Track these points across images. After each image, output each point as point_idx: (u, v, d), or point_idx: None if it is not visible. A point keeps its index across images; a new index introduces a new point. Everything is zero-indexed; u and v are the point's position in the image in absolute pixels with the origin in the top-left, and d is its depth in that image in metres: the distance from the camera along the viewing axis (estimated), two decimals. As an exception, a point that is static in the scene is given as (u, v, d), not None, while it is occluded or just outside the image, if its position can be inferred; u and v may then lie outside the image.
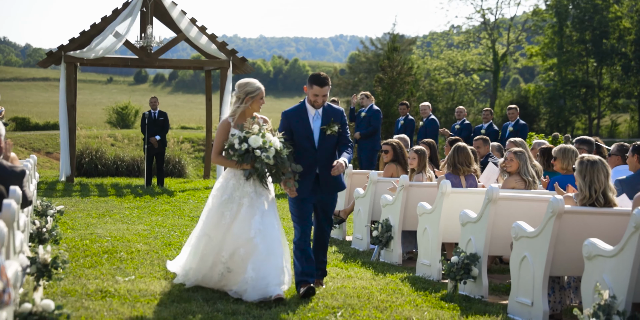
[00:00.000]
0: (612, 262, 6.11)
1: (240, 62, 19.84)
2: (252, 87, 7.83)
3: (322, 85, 7.82)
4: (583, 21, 56.31)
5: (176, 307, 7.07)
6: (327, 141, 7.90)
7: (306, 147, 7.87)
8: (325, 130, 7.85)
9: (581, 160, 7.04)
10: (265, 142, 7.49)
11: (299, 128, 7.87)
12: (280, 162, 7.53)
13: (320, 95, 7.81)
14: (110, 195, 16.64)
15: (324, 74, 7.92)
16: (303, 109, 7.97)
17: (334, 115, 7.97)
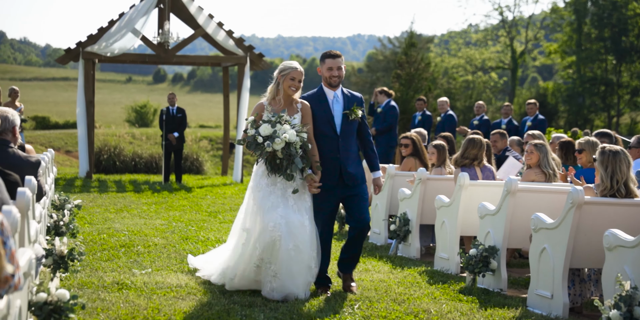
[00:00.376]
0: (633, 253, 6.02)
1: (257, 58, 19.80)
2: (284, 65, 7.38)
3: (334, 56, 7.47)
4: (602, 18, 55.90)
5: (192, 299, 7.04)
6: (349, 127, 7.47)
7: (327, 132, 7.42)
8: (349, 114, 7.43)
9: (602, 150, 6.95)
10: (275, 132, 7.00)
11: (319, 112, 7.43)
12: (288, 155, 7.05)
13: (335, 68, 7.42)
14: (128, 191, 16.66)
15: (334, 51, 7.60)
16: (321, 93, 7.54)
17: (355, 100, 7.58)
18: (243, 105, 19.43)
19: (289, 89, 7.30)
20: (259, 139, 7.00)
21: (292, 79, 7.29)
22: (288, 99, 7.37)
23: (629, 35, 54.94)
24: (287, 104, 7.38)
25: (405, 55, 25.73)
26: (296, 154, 7.04)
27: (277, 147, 6.96)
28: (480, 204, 8.39)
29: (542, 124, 17.18)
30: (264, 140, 7.01)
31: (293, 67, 7.33)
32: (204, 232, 11.08)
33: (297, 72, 7.32)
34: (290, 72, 7.29)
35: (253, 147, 7.06)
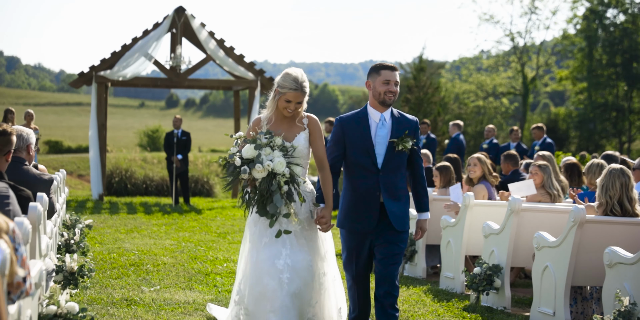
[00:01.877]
0: (632, 270, 6.12)
1: (268, 82, 20.02)
2: (283, 80, 5.95)
3: (392, 69, 6.04)
4: (613, 45, 56.10)
5: (200, 315, 7.15)
6: (395, 159, 5.99)
7: (364, 165, 5.97)
8: (397, 144, 5.94)
9: (609, 170, 7.07)
10: (259, 156, 5.66)
11: (356, 139, 5.99)
12: (265, 189, 5.68)
13: (393, 82, 5.98)
14: (138, 212, 16.82)
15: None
16: (364, 115, 6.05)
17: (407, 125, 6.07)
18: (254, 128, 19.62)
19: (284, 110, 5.97)
20: (237, 161, 5.67)
21: (287, 101, 5.92)
22: (284, 114, 6.06)
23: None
24: (288, 120, 6.07)
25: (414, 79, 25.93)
26: (277, 191, 5.66)
27: (256, 175, 5.66)
28: (485, 223, 8.50)
29: (550, 148, 17.30)
30: (242, 164, 5.68)
31: (291, 87, 5.90)
32: (212, 251, 11.20)
33: (294, 95, 5.90)
34: (286, 92, 5.90)
35: (230, 170, 5.73)
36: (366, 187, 5.96)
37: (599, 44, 56.82)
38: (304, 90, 5.93)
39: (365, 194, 5.97)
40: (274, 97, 6.01)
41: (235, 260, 10.43)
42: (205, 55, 20.06)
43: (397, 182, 6.02)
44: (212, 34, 19.56)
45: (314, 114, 6.18)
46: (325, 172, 6.02)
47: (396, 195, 6.00)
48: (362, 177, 5.98)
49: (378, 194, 5.95)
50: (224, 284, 8.67)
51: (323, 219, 5.94)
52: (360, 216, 5.98)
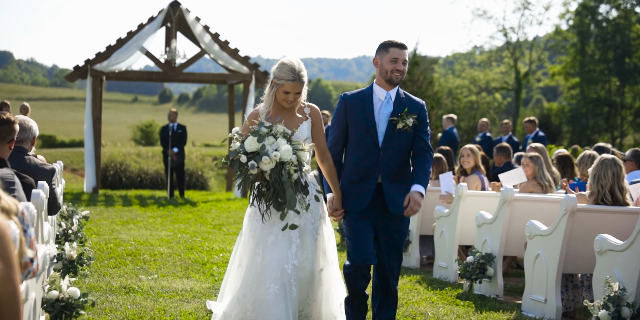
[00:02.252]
0: (622, 256, 6.25)
1: (262, 76, 20.11)
2: (280, 71, 5.68)
3: (401, 46, 5.76)
4: (605, 40, 56.32)
5: (197, 302, 7.27)
6: (395, 138, 5.75)
7: (365, 143, 5.76)
8: (396, 122, 5.72)
9: (598, 159, 7.20)
10: (264, 148, 5.39)
11: (359, 116, 5.77)
12: (276, 180, 5.41)
13: (401, 60, 5.72)
14: (134, 205, 16.91)
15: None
16: (368, 93, 5.83)
17: (410, 104, 5.82)
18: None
19: (284, 102, 5.74)
20: (242, 158, 5.41)
21: (285, 92, 5.68)
22: (282, 106, 5.83)
23: (632, 56, 55.28)
24: (288, 111, 5.82)
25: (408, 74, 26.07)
26: (288, 180, 5.40)
27: (264, 167, 5.37)
28: (478, 213, 8.63)
29: (542, 141, 17.43)
30: (248, 159, 5.41)
31: (288, 78, 5.64)
32: (208, 242, 11.31)
33: (293, 85, 5.65)
34: (284, 84, 5.65)
35: (236, 167, 5.47)
36: (365, 166, 5.75)
37: (592, 40, 57.00)
38: (302, 80, 5.66)
39: (363, 173, 5.75)
40: (270, 88, 5.74)
41: (230, 250, 10.53)
42: (200, 49, 20.14)
43: (399, 163, 5.78)
44: (207, 28, 19.65)
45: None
46: (328, 163, 5.80)
47: (397, 178, 5.77)
48: (362, 156, 5.76)
49: (377, 174, 5.73)
50: (220, 273, 8.78)
51: (337, 212, 5.79)
52: (355, 195, 5.77)
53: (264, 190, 5.48)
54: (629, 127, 57.53)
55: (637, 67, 55.37)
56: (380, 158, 5.74)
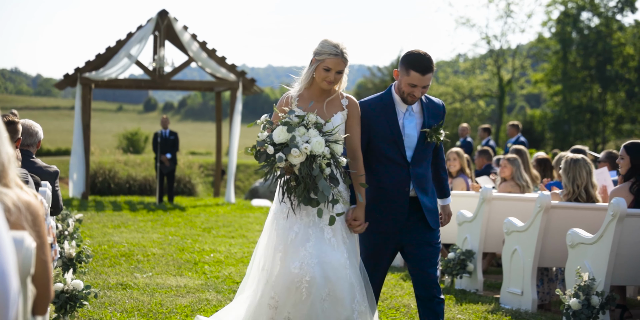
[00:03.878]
0: (592, 249, 6.66)
1: (249, 84, 20.50)
2: (322, 45, 5.20)
3: (424, 70, 5.23)
4: (587, 48, 57.05)
5: (192, 296, 7.64)
6: (424, 151, 5.39)
7: (392, 157, 5.34)
8: (429, 135, 5.35)
9: (565, 159, 7.62)
10: (294, 139, 4.90)
11: (382, 128, 5.33)
12: (307, 175, 4.91)
13: (420, 87, 5.24)
14: (124, 209, 17.24)
15: (427, 54, 5.28)
16: (389, 101, 5.38)
17: (437, 111, 5.48)
18: (235, 129, 20.09)
19: (322, 82, 5.20)
20: (269, 149, 4.93)
21: (326, 69, 5.16)
22: (326, 92, 5.32)
23: (613, 64, 56.03)
24: (323, 98, 5.31)
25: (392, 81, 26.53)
26: (320, 175, 4.90)
27: (293, 161, 4.90)
28: (459, 212, 9.03)
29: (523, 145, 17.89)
30: (275, 151, 4.94)
31: (331, 51, 5.15)
32: (199, 244, 11.66)
33: (335, 61, 5.14)
34: (325, 58, 5.15)
35: (262, 158, 5.00)
36: (393, 181, 5.31)
37: (573, 47, 57.72)
38: (345, 57, 5.16)
39: (392, 189, 5.30)
40: (309, 67, 5.27)
41: (221, 251, 10.90)
42: (188, 57, 20.51)
43: (426, 174, 5.44)
44: (195, 37, 20.02)
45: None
46: (358, 164, 5.24)
47: (425, 189, 5.40)
48: (388, 170, 5.33)
49: (407, 189, 5.29)
50: (212, 271, 9.15)
51: (357, 222, 5.16)
52: (385, 214, 5.29)
53: (293, 185, 5.00)
54: (611, 133, 58.23)
55: (618, 74, 56.12)
56: (411, 171, 5.31)
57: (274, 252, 5.14)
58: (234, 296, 7.57)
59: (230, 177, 20.35)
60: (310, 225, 5.08)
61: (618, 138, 59.94)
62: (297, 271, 4.96)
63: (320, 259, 4.97)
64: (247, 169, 37.25)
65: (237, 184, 32.37)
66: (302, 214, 5.11)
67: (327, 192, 4.85)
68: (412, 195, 5.33)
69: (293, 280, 4.97)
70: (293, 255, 5.03)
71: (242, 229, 13.87)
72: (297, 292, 4.96)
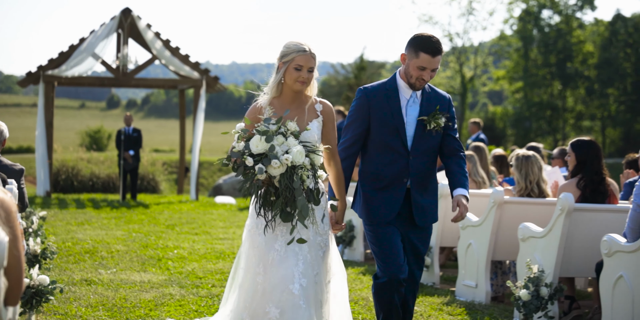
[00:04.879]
0: (542, 242, 6.94)
1: (213, 81, 20.63)
2: (287, 47, 4.97)
3: (434, 53, 5.09)
4: (547, 45, 57.76)
5: (155, 291, 7.80)
6: (425, 140, 5.21)
7: (393, 146, 5.18)
8: (427, 122, 5.17)
9: (517, 156, 7.89)
10: (272, 150, 4.61)
11: (385, 115, 5.16)
12: (286, 187, 4.63)
13: (429, 70, 5.10)
14: (87, 207, 17.30)
15: (435, 37, 5.14)
16: (393, 87, 5.22)
17: (439, 101, 5.27)
18: (198, 127, 20.23)
19: (295, 84, 4.93)
20: (248, 161, 4.63)
21: (297, 68, 4.90)
22: (297, 98, 5.04)
23: (573, 61, 56.85)
24: (296, 106, 5.03)
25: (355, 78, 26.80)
26: (300, 188, 4.64)
27: (273, 172, 4.62)
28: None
29: (482, 142, 18.15)
30: (255, 162, 4.64)
31: (299, 49, 4.91)
32: (162, 241, 11.81)
33: (304, 58, 4.89)
34: (294, 57, 4.90)
35: (240, 171, 4.69)
36: (393, 172, 5.16)
37: (534, 45, 58.46)
38: (313, 53, 4.92)
39: (390, 179, 5.17)
40: (277, 72, 5.00)
41: (184, 247, 11.06)
42: (152, 55, 20.59)
43: (428, 168, 5.23)
44: (158, 35, 20.11)
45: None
46: (337, 168, 5.11)
47: (424, 185, 5.24)
48: (389, 160, 5.18)
49: (405, 180, 5.16)
50: (175, 267, 9.31)
51: (337, 225, 5.14)
52: (380, 204, 5.19)
53: (272, 199, 4.73)
54: (571, 129, 59.05)
55: (578, 72, 56.92)
56: (410, 162, 5.16)
57: (254, 274, 4.92)
58: (196, 291, 7.79)
59: (193, 174, 20.48)
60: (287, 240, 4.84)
61: (578, 134, 60.77)
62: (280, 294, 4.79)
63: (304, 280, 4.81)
64: (210, 166, 37.34)
65: (201, 181, 32.45)
66: (283, 230, 4.86)
67: (306, 211, 4.61)
68: (409, 186, 5.19)
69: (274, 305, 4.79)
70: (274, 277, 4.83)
71: (206, 226, 14.02)
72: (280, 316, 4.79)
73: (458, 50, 62.50)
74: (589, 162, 7.08)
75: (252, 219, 4.99)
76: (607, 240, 5.99)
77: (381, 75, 58.53)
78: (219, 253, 10.58)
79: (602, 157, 7.15)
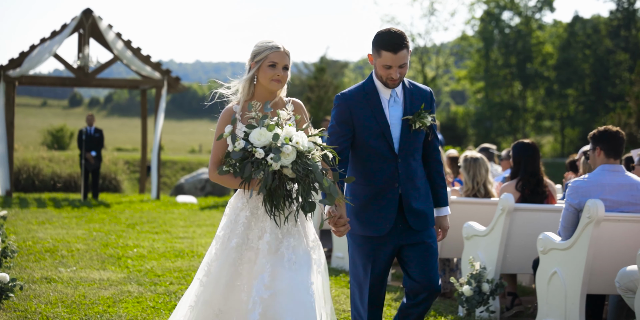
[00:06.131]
0: (484, 240, 7.28)
1: (174, 82, 20.82)
2: (259, 46, 4.71)
3: (395, 49, 4.81)
4: (508, 46, 58.48)
5: (114, 289, 8.03)
6: (412, 141, 4.94)
7: (380, 150, 4.92)
8: (412, 122, 4.91)
9: (465, 158, 8.23)
10: (276, 138, 4.38)
11: (368, 119, 4.91)
12: (305, 173, 4.36)
13: (396, 67, 4.82)
14: (48, 206, 17.41)
15: (398, 30, 4.86)
16: (371, 90, 4.97)
17: (421, 97, 5.01)
18: (159, 127, 20.41)
19: (270, 83, 4.67)
20: (258, 152, 4.37)
21: (271, 65, 4.65)
22: (270, 98, 4.76)
23: (533, 62, 57.66)
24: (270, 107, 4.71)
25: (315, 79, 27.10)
26: (318, 169, 4.39)
27: (285, 161, 4.35)
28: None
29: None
30: (266, 153, 4.38)
31: (272, 46, 4.68)
32: (123, 239, 12.01)
33: (279, 54, 4.67)
34: (268, 55, 4.65)
35: (248, 169, 4.39)
36: (383, 178, 4.89)
37: (495, 45, 59.19)
38: (287, 51, 4.71)
39: (380, 186, 4.89)
40: (248, 73, 4.72)
41: (144, 246, 11.28)
42: (113, 55, 20.72)
43: (416, 169, 4.96)
44: (119, 35, 20.25)
45: (219, 112, 4.77)
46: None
47: (413, 185, 4.94)
48: (377, 166, 4.91)
49: (396, 185, 4.88)
50: (134, 265, 9.54)
51: (342, 220, 4.62)
52: (374, 216, 4.89)
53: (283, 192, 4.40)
54: (531, 129, 59.89)
55: (537, 72, 57.73)
56: (399, 165, 4.90)
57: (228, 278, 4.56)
58: (154, 288, 8.03)
59: (154, 173, 20.65)
60: (274, 238, 4.53)
61: (538, 134, 61.66)
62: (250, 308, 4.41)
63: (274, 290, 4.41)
64: (174, 165, 37.43)
65: (165, 180, 32.54)
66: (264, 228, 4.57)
67: (335, 190, 4.32)
68: (400, 193, 4.90)
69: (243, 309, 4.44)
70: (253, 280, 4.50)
71: (166, 225, 14.24)
72: None
73: (420, 50, 63.10)
74: (524, 163, 7.43)
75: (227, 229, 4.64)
76: (543, 239, 6.35)
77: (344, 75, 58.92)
78: (178, 252, 10.82)
79: (538, 159, 7.49)
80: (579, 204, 6.07)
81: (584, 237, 5.99)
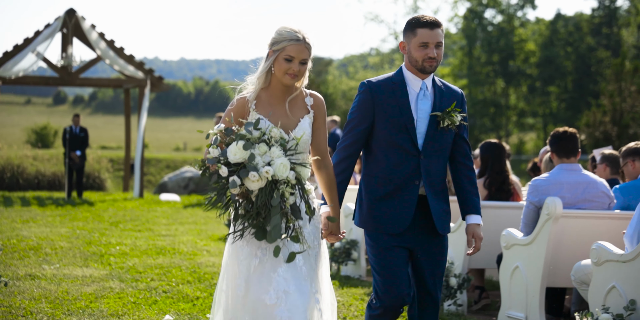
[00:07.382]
0: (453, 237, 7.55)
1: (157, 81, 21.04)
2: (279, 33, 4.39)
3: (432, 25, 4.60)
4: (491, 44, 58.86)
5: (97, 285, 8.28)
6: (438, 139, 4.67)
7: (402, 144, 4.63)
8: (441, 119, 4.65)
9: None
10: (252, 159, 4.01)
11: (392, 111, 4.63)
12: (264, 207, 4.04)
13: (433, 44, 4.58)
14: (33, 205, 17.62)
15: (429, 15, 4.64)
16: (400, 80, 4.69)
17: (452, 97, 4.74)
18: (142, 126, 20.63)
19: (284, 77, 4.36)
20: (222, 170, 4.03)
21: (287, 58, 4.34)
22: (287, 92, 4.47)
23: (515, 59, 58.10)
24: (285, 98, 4.47)
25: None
26: (278, 206, 4.03)
27: (251, 186, 4.04)
28: (345, 205, 9.87)
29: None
30: (230, 173, 4.05)
31: (292, 37, 4.34)
32: (106, 237, 12.25)
33: (297, 48, 4.33)
34: (285, 46, 4.33)
35: (213, 179, 4.10)
36: (402, 174, 4.61)
37: (478, 43, 59.59)
38: (308, 43, 4.36)
39: (400, 183, 4.62)
40: (266, 61, 4.42)
41: (127, 244, 11.53)
42: (96, 55, 20.92)
43: (440, 170, 4.70)
44: (102, 35, 20.46)
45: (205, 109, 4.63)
46: (327, 172, 4.51)
47: (437, 188, 4.69)
48: (399, 161, 4.62)
49: (417, 183, 4.62)
50: (117, 263, 9.79)
51: (333, 236, 4.54)
52: (391, 212, 4.62)
53: (247, 214, 4.12)
54: (514, 126, 60.37)
55: (520, 70, 58.19)
56: (422, 162, 4.62)
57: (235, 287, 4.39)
58: (135, 285, 8.28)
59: (137, 172, 20.87)
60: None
61: (521, 131, 62.17)
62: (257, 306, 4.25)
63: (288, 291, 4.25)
64: (158, 163, 37.60)
65: (149, 178, 32.74)
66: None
67: (277, 233, 4.02)
68: (421, 193, 4.65)
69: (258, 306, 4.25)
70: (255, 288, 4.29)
71: (149, 223, 14.48)
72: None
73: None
74: (490, 162, 7.73)
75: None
76: (506, 235, 6.65)
77: (328, 72, 59.19)
78: (160, 249, 11.07)
79: (504, 158, 7.80)
80: (539, 202, 6.37)
81: (543, 233, 6.29)
